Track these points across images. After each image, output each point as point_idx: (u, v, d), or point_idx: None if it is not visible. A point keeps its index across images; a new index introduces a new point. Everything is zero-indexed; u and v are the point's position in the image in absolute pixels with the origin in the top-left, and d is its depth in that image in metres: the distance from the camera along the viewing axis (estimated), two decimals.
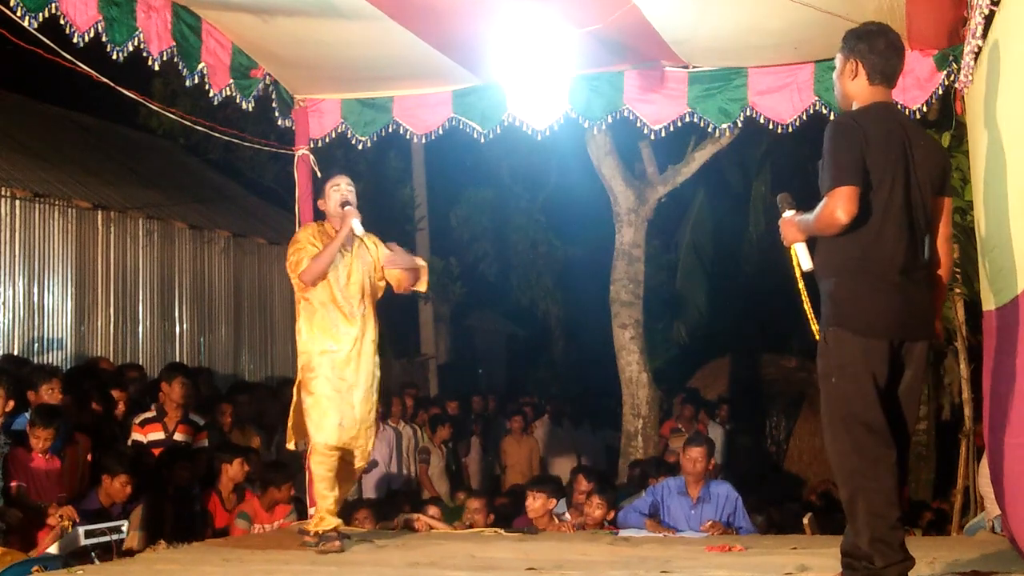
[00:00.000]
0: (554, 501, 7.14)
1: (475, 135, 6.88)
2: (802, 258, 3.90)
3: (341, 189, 5.71)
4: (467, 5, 5.69)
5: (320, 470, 5.56)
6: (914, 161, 3.75)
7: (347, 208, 5.63)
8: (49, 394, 6.86)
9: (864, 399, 3.67)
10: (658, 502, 6.77)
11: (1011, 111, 4.26)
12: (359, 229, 5.63)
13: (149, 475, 6.83)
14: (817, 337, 3.84)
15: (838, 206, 3.60)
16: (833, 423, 3.74)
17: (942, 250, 3.91)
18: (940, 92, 6.04)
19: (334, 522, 5.56)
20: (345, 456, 5.65)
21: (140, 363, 9.51)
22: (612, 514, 7.13)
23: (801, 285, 3.98)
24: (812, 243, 3.86)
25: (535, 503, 7.02)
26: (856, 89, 3.88)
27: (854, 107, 3.88)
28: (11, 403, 6.33)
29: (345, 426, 5.57)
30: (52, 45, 5.01)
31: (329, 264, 5.56)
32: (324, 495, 5.55)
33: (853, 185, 3.60)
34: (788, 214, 3.93)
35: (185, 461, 7.08)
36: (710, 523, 6.48)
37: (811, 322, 3.96)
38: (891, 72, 3.86)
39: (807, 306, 4.05)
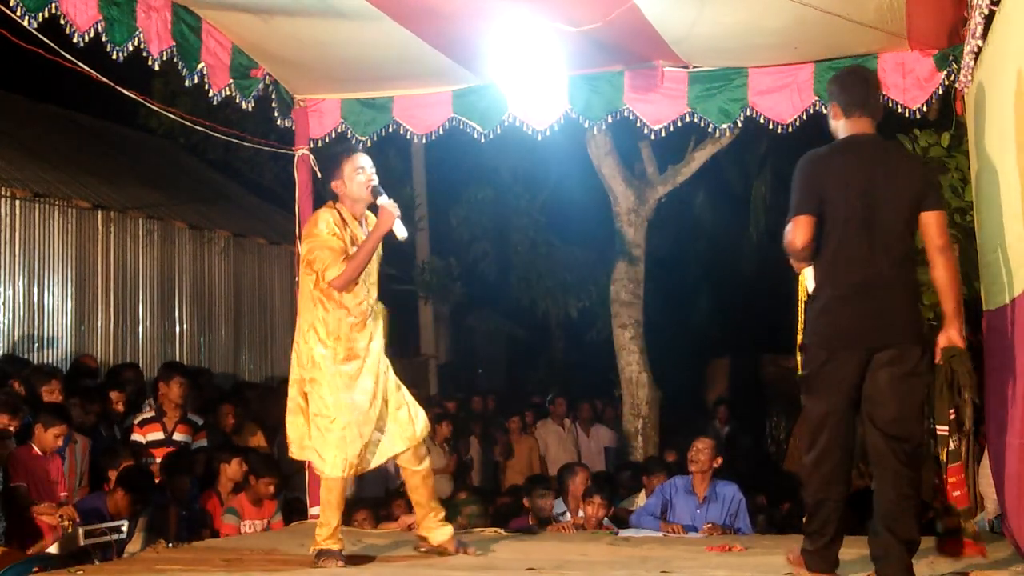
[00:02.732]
0: (554, 501, 7.14)
1: (475, 135, 6.88)
2: (808, 281, 4.26)
3: (367, 173, 5.08)
4: (467, 5, 5.69)
5: (331, 497, 5.03)
6: (879, 184, 4.04)
7: (387, 202, 5.01)
8: (49, 395, 6.87)
9: (822, 404, 4.10)
10: (667, 500, 6.79)
11: (1011, 111, 4.26)
12: (403, 233, 4.99)
13: (153, 488, 6.80)
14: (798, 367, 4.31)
15: (792, 233, 4.06)
16: (804, 426, 4.27)
17: (937, 260, 4.10)
18: (940, 92, 6.04)
19: (337, 545, 5.06)
20: (408, 467, 5.20)
21: (139, 363, 9.51)
22: (611, 511, 7.15)
23: (801, 312, 4.45)
24: None
25: (540, 504, 7.00)
26: (838, 126, 4.24)
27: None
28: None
29: (383, 444, 5.07)
30: (52, 45, 5.00)
31: (364, 268, 4.99)
32: (328, 521, 5.04)
33: (806, 214, 4.04)
34: None
35: (185, 467, 7.06)
36: (709, 525, 6.49)
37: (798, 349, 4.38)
38: (860, 101, 4.18)
39: (800, 334, 4.51)
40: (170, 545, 5.76)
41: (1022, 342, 4.31)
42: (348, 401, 4.99)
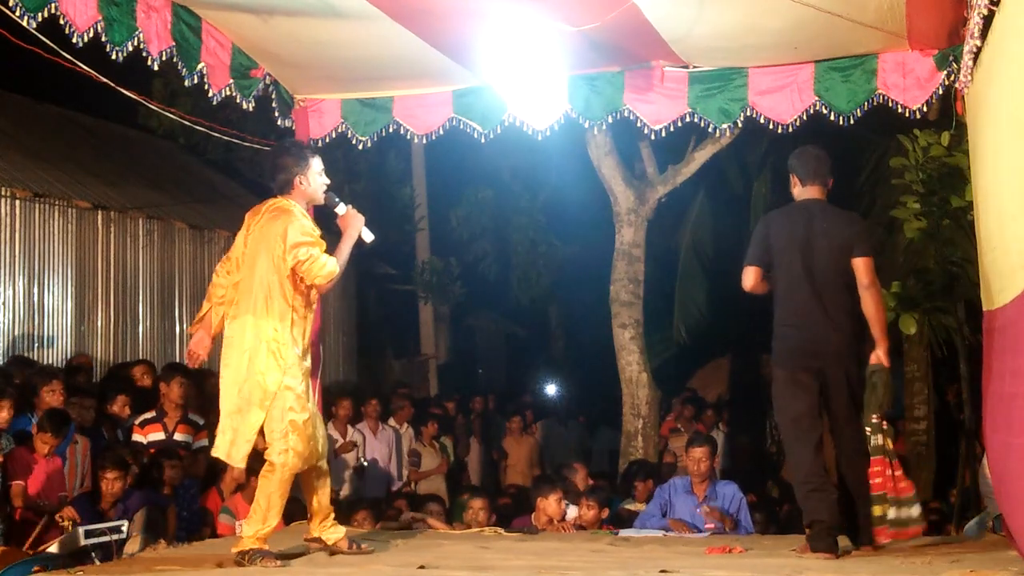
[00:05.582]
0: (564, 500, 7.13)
1: (475, 135, 6.87)
2: None
3: (325, 177, 5.19)
4: (467, 5, 5.68)
5: (283, 492, 4.96)
6: (817, 239, 5.16)
7: (352, 210, 5.16)
8: (51, 395, 6.88)
9: (790, 412, 5.21)
10: (666, 503, 6.80)
11: (1011, 111, 4.25)
12: (370, 236, 5.18)
13: (143, 471, 6.83)
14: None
15: (743, 279, 5.31)
16: (781, 430, 5.44)
17: (865, 296, 5.19)
18: (940, 92, 6.03)
19: (267, 546, 4.96)
20: (320, 467, 5.19)
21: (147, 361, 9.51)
22: (606, 512, 7.15)
23: None
24: None
25: (552, 504, 6.97)
26: (797, 192, 5.41)
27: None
28: (10, 412, 6.33)
29: (322, 446, 5.14)
30: (52, 45, 5.00)
31: None
32: (275, 517, 4.97)
33: (753, 265, 5.29)
34: None
35: (176, 458, 7.07)
36: (708, 509, 6.51)
37: None
38: (812, 173, 5.35)
39: None
40: (169, 546, 5.75)
41: (1022, 342, 4.31)
42: (307, 396, 5.03)
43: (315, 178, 5.14)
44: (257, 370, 4.86)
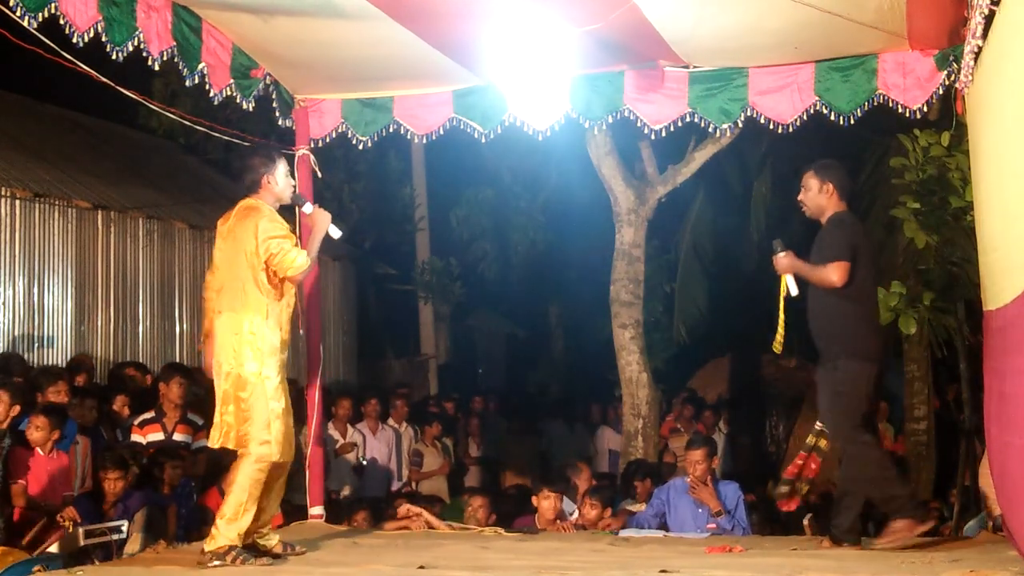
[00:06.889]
0: (562, 500, 7.13)
1: (476, 135, 6.87)
2: (791, 286, 5.45)
3: (292, 181, 5.40)
4: (467, 5, 5.68)
5: (257, 483, 5.00)
6: (872, 250, 5.60)
7: (319, 209, 5.35)
8: (56, 396, 6.89)
9: (864, 406, 5.37)
10: (665, 503, 6.80)
11: (1011, 111, 4.25)
12: (337, 233, 5.34)
13: (143, 471, 6.83)
14: (776, 347, 5.66)
15: (837, 274, 5.30)
16: (844, 427, 5.39)
17: None
18: (940, 92, 6.03)
19: (245, 540, 5.01)
20: (285, 466, 5.24)
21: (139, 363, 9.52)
22: (608, 512, 7.14)
23: (782, 304, 5.48)
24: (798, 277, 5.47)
25: (546, 504, 6.97)
26: (829, 202, 5.56)
27: (828, 213, 5.54)
28: (17, 407, 6.33)
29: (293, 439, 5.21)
30: (52, 45, 5.00)
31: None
32: (250, 510, 4.98)
33: (847, 261, 5.32)
34: (781, 254, 5.47)
35: (176, 458, 7.06)
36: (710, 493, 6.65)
37: (779, 331, 5.58)
38: (849, 188, 5.67)
39: (781, 320, 5.53)
40: (169, 546, 5.75)
41: (1022, 342, 4.31)
42: (284, 388, 5.13)
43: (282, 178, 5.29)
44: (238, 362, 5.02)
